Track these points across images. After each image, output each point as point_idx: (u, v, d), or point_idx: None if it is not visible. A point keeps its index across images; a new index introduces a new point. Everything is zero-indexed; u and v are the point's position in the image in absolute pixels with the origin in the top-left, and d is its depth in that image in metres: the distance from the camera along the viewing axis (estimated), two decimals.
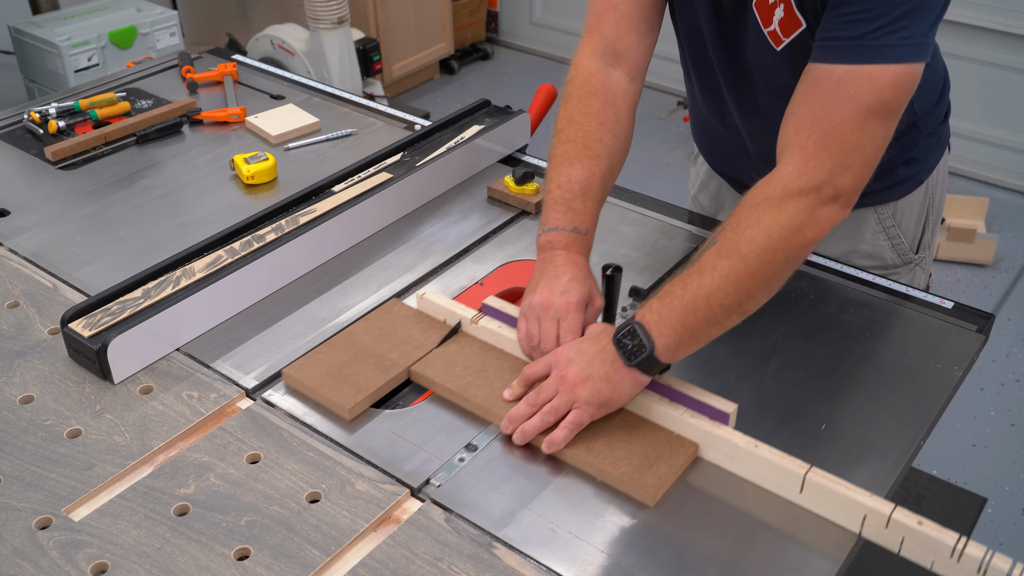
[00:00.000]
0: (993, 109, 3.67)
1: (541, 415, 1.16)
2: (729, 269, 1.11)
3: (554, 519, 1.08)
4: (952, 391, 1.27)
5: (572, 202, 1.28)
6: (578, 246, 1.27)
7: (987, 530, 2.36)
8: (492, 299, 1.33)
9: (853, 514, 1.05)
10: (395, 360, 1.27)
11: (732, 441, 1.12)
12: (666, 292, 1.14)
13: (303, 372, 1.26)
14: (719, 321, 1.13)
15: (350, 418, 1.21)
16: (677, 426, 1.16)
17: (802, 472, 1.07)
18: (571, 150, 1.30)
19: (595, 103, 1.33)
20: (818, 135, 1.12)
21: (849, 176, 1.12)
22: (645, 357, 1.13)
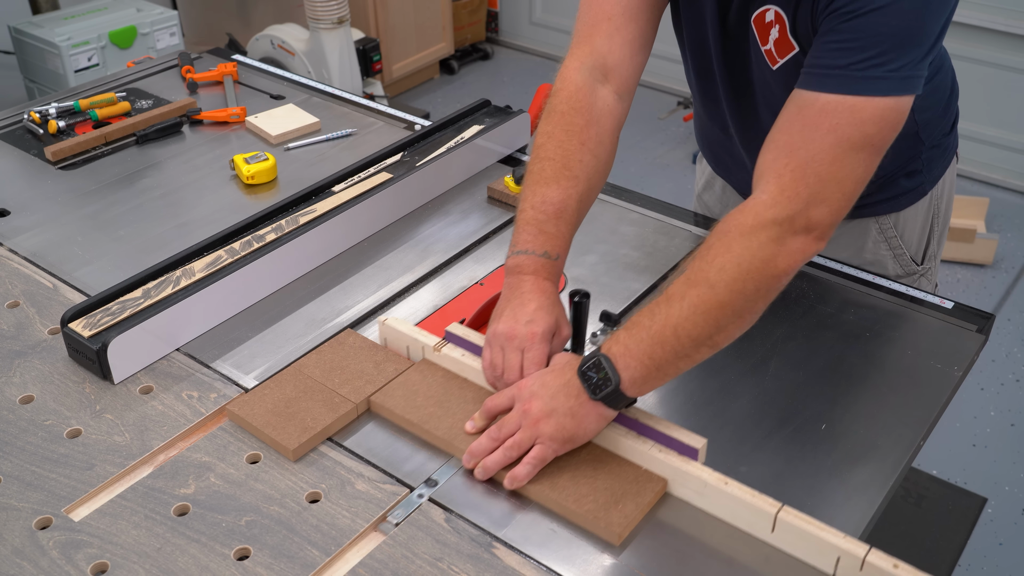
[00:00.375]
0: (993, 109, 3.67)
1: (503, 450, 1.11)
2: (698, 299, 1.07)
3: (554, 519, 1.08)
4: (952, 391, 1.27)
5: (545, 225, 1.23)
6: (547, 272, 1.23)
7: (987, 530, 2.36)
8: (455, 326, 1.28)
9: (826, 555, 1.01)
10: (346, 396, 1.22)
11: (701, 478, 1.08)
12: (633, 323, 1.10)
13: (247, 409, 1.20)
14: (688, 354, 1.08)
15: (294, 459, 1.15)
16: (645, 461, 1.12)
17: (773, 511, 1.03)
18: (548, 169, 1.25)
19: (578, 120, 1.27)
20: (795, 164, 1.08)
21: (825, 208, 1.08)
22: (611, 391, 1.08)
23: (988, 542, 2.33)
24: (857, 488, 1.13)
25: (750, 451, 1.17)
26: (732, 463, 1.15)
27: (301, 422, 1.18)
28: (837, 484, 1.13)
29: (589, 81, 1.28)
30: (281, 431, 1.17)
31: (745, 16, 1.25)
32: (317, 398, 1.22)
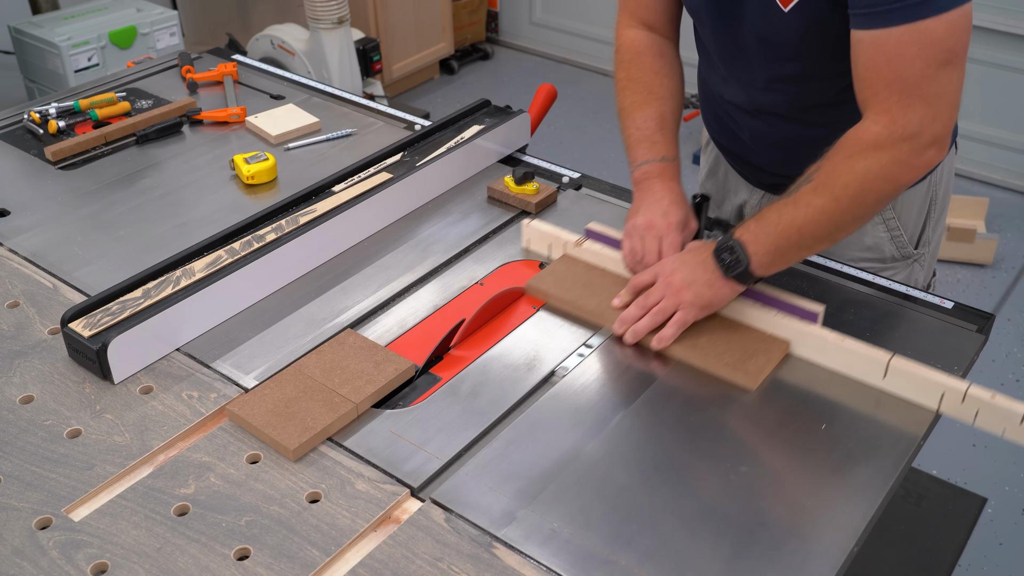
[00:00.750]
0: (993, 109, 3.67)
1: (650, 316, 1.30)
2: (822, 207, 1.22)
3: (554, 519, 1.08)
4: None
5: (653, 136, 1.44)
6: (670, 173, 1.43)
7: (987, 530, 2.36)
8: (594, 224, 1.48)
9: (932, 393, 1.21)
10: (346, 396, 1.22)
11: (821, 336, 1.27)
12: (762, 217, 1.27)
13: (247, 409, 1.20)
14: (809, 247, 1.27)
15: (294, 459, 1.16)
16: (771, 326, 1.31)
17: (886, 359, 1.23)
18: (637, 98, 1.47)
19: (646, 59, 1.50)
20: (898, 96, 1.18)
21: (939, 123, 1.19)
22: (741, 271, 1.27)
23: (988, 542, 2.33)
24: (857, 488, 1.13)
25: (750, 451, 1.18)
26: (732, 463, 1.16)
27: (301, 422, 1.18)
28: (837, 484, 1.13)
29: (640, 31, 1.53)
30: (281, 431, 1.17)
31: None
32: (317, 398, 1.22)
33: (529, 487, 1.12)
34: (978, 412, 1.18)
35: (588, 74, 4.70)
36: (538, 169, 1.76)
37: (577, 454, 1.17)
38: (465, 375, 1.30)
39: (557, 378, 1.28)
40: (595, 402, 1.25)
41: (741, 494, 1.12)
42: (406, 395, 1.27)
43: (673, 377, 1.29)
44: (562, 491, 1.12)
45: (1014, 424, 1.16)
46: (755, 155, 1.59)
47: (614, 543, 1.05)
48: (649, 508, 1.10)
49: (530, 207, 1.63)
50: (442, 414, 1.23)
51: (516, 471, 1.14)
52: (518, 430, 1.20)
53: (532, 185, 1.64)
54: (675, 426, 1.22)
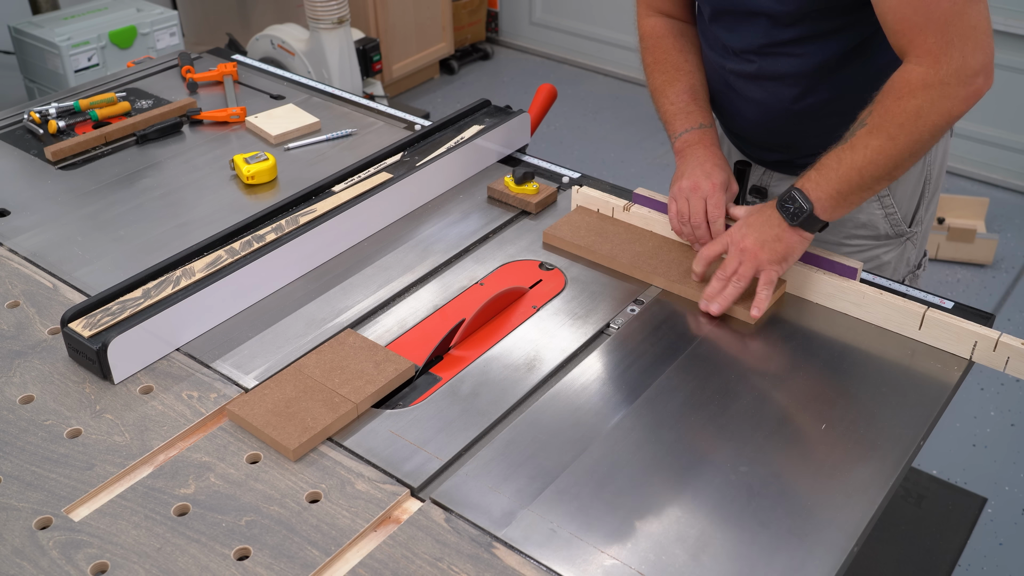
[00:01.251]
0: (993, 109, 3.67)
1: (734, 283, 1.35)
2: (880, 147, 1.26)
3: (554, 519, 1.08)
4: (952, 391, 1.27)
5: (688, 107, 1.51)
6: (710, 139, 1.48)
7: (987, 530, 2.36)
8: (642, 189, 1.56)
9: (965, 342, 1.29)
10: (346, 396, 1.22)
11: (861, 291, 1.35)
12: (822, 164, 1.31)
13: (248, 409, 1.20)
14: (870, 187, 1.30)
15: (295, 459, 1.15)
16: (811, 282, 1.39)
17: (921, 311, 1.31)
18: (667, 77, 1.55)
19: (668, 41, 1.58)
20: (934, 36, 1.22)
21: (980, 52, 1.24)
22: (806, 217, 1.31)
23: (988, 542, 2.33)
24: (857, 488, 1.13)
25: (750, 451, 1.17)
26: (732, 463, 1.16)
27: (301, 422, 1.18)
28: (837, 484, 1.13)
29: (659, 19, 1.61)
30: (281, 431, 1.17)
31: None
32: (317, 398, 1.22)
33: (529, 487, 1.12)
34: (1009, 359, 1.26)
35: (588, 74, 4.70)
36: (538, 169, 1.76)
37: (577, 454, 1.17)
38: (465, 375, 1.30)
39: (611, 331, 1.36)
40: (595, 402, 1.25)
41: (741, 494, 1.12)
42: (406, 395, 1.27)
43: (673, 377, 1.29)
44: (562, 491, 1.12)
45: None
46: (754, 130, 1.61)
47: (614, 543, 1.05)
48: (649, 508, 1.10)
49: (530, 207, 1.63)
50: (442, 414, 1.23)
51: (516, 471, 1.14)
52: (518, 430, 1.20)
53: (532, 185, 1.64)
54: (675, 426, 1.22)
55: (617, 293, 1.45)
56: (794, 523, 1.08)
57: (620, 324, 1.38)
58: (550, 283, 1.47)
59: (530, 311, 1.41)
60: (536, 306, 1.42)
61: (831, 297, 1.38)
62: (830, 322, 1.38)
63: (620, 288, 1.46)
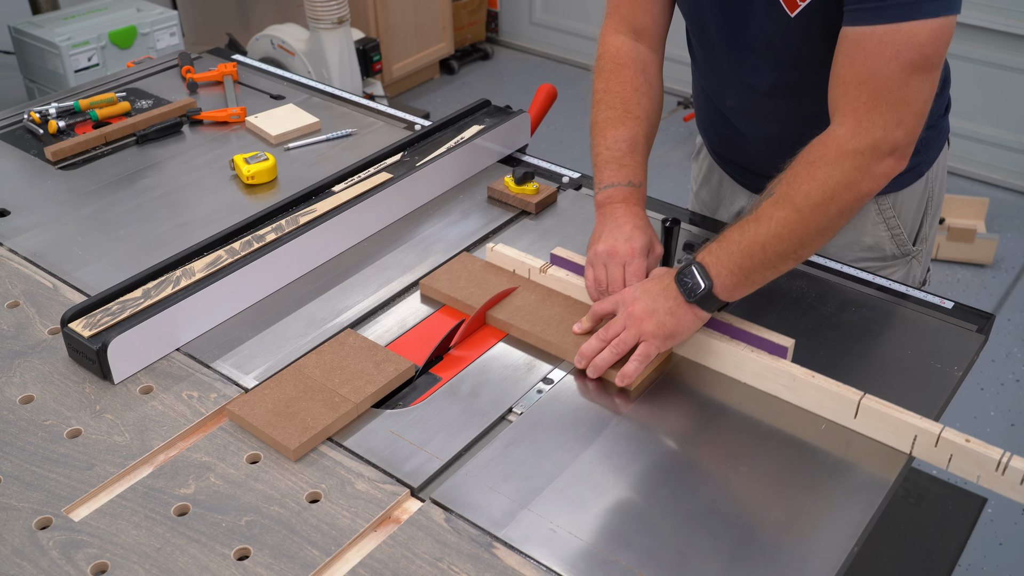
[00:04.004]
0: (993, 109, 3.67)
1: (611, 348, 1.24)
2: (785, 221, 1.19)
3: (554, 519, 1.08)
4: (952, 391, 1.27)
5: (622, 159, 1.39)
6: (635, 198, 1.38)
7: (987, 530, 2.36)
8: (560, 249, 1.44)
9: (904, 435, 1.15)
10: (346, 396, 1.22)
11: (791, 372, 1.21)
12: (724, 237, 1.23)
13: (248, 409, 1.20)
14: (774, 265, 1.22)
15: (295, 459, 1.15)
16: (737, 361, 1.25)
17: (856, 398, 1.17)
18: (612, 115, 1.42)
19: (627, 73, 1.44)
20: (867, 96, 1.17)
21: (902, 131, 1.18)
22: (704, 294, 1.22)
23: (988, 542, 2.33)
24: (857, 488, 1.13)
25: (750, 451, 1.17)
26: (732, 463, 1.16)
27: (301, 422, 1.18)
28: (837, 484, 1.13)
29: (627, 40, 1.47)
30: (281, 431, 1.17)
31: None
32: (317, 398, 1.22)
33: (529, 487, 1.12)
34: (952, 457, 1.12)
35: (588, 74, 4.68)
36: (538, 169, 1.76)
37: (577, 454, 1.16)
38: (465, 375, 1.30)
39: (513, 416, 1.22)
40: (595, 402, 1.25)
41: (741, 494, 1.12)
42: (406, 395, 1.27)
43: (675, 375, 1.28)
44: (562, 491, 1.12)
45: (989, 470, 1.10)
46: (754, 162, 1.58)
47: (614, 543, 1.05)
48: (649, 508, 1.10)
49: (530, 207, 1.63)
50: (442, 414, 1.23)
51: (516, 471, 1.14)
52: (518, 430, 1.20)
53: (532, 185, 1.64)
54: (675, 426, 1.22)
55: None
56: (794, 523, 1.08)
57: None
58: None
59: None
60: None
61: (760, 377, 1.25)
62: (762, 405, 1.24)
63: None
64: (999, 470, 1.09)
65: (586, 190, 1.71)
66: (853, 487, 1.13)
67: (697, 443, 1.20)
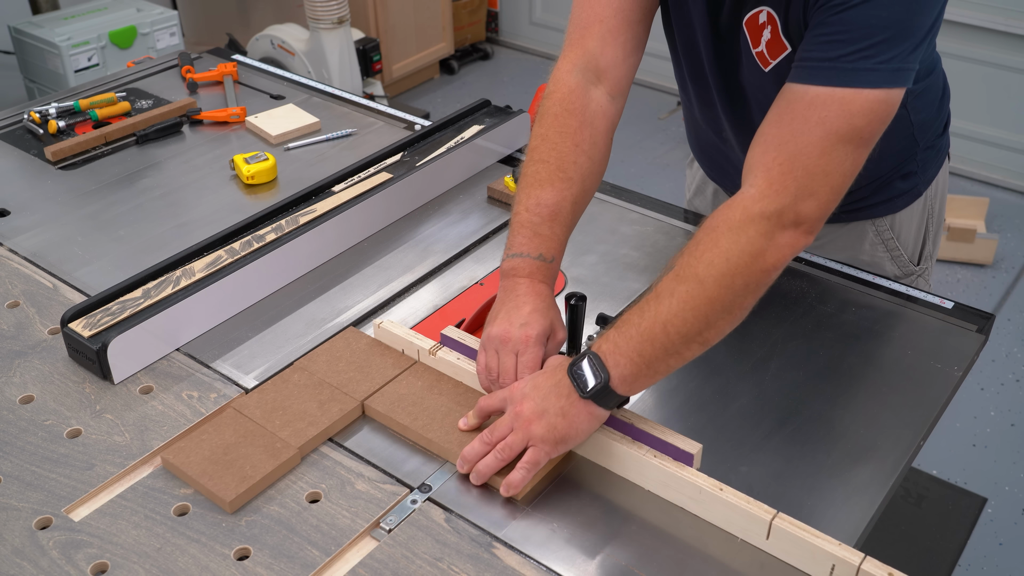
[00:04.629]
0: (993, 109, 3.67)
1: (495, 453, 1.10)
2: (687, 295, 1.06)
3: (554, 519, 1.08)
4: (952, 391, 1.27)
5: (540, 227, 1.22)
6: (542, 275, 1.22)
7: (987, 530, 2.36)
8: (451, 329, 1.28)
9: (821, 562, 1.00)
10: (286, 440, 1.15)
11: (696, 484, 1.07)
12: (623, 321, 1.09)
13: (183, 457, 1.13)
14: (678, 351, 1.07)
15: (231, 511, 1.08)
16: (640, 466, 1.11)
17: (768, 518, 1.02)
18: (543, 171, 1.24)
19: (572, 122, 1.26)
20: (784, 158, 1.06)
21: (813, 202, 1.06)
22: (599, 389, 1.07)
23: (988, 542, 2.33)
24: (857, 488, 1.13)
25: (750, 451, 1.18)
26: (732, 463, 1.16)
27: (240, 471, 1.11)
28: (837, 484, 1.13)
29: (582, 83, 1.27)
30: (219, 481, 1.10)
31: (737, 19, 1.24)
32: (257, 443, 1.15)
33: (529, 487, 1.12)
34: None
35: None
36: None
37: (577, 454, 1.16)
38: None
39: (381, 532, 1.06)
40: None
41: None
42: None
43: (673, 378, 1.28)
44: (562, 491, 1.12)
45: None
46: None
47: (614, 543, 1.05)
48: (649, 508, 1.10)
49: None
50: None
51: None
52: None
53: None
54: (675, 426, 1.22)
55: (619, 291, 1.44)
56: None
57: None
58: None
59: None
60: None
61: (664, 487, 1.10)
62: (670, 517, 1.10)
63: (623, 285, 1.46)
64: None
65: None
66: (853, 488, 1.13)
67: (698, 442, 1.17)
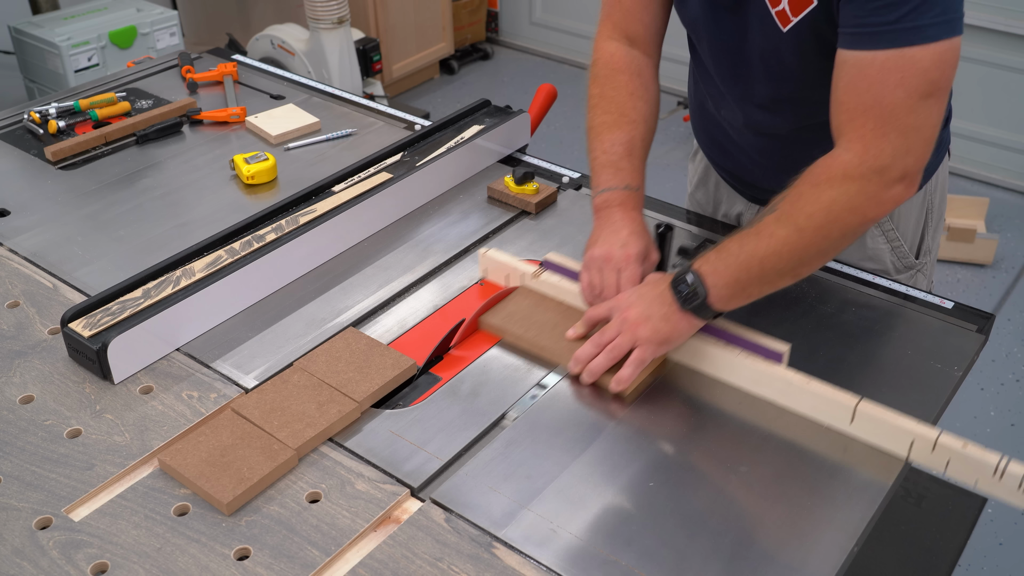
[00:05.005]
0: (993, 109, 3.67)
1: (605, 354, 1.24)
2: (785, 239, 1.18)
3: (554, 519, 1.08)
4: (952, 391, 1.27)
5: (619, 163, 1.38)
6: (633, 203, 1.36)
7: (987, 530, 2.36)
8: (553, 255, 1.42)
9: (901, 440, 1.14)
10: (284, 441, 1.15)
11: (786, 378, 1.21)
12: (723, 248, 1.22)
13: (180, 459, 1.13)
14: (771, 282, 1.21)
15: (229, 513, 1.09)
16: (732, 366, 1.24)
17: (853, 403, 1.16)
18: (608, 119, 1.41)
19: (622, 77, 1.43)
20: (874, 123, 1.15)
21: (911, 158, 1.16)
22: (699, 303, 1.21)
23: (988, 542, 2.33)
24: (857, 488, 1.13)
25: (750, 451, 1.18)
26: (732, 463, 1.16)
27: (237, 473, 1.11)
28: (837, 484, 1.13)
29: (621, 46, 1.46)
30: (216, 483, 1.10)
31: None
32: (255, 445, 1.15)
33: (529, 487, 1.12)
34: (949, 462, 1.11)
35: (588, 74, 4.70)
36: (538, 169, 1.76)
37: (577, 454, 1.17)
38: (465, 375, 1.30)
39: (508, 421, 1.21)
40: (595, 402, 1.25)
41: (741, 494, 1.12)
42: (406, 395, 1.27)
43: (674, 377, 1.29)
44: (562, 491, 1.12)
45: (986, 475, 1.09)
46: (750, 173, 1.58)
47: (614, 543, 1.05)
48: (649, 508, 1.10)
49: (530, 207, 1.63)
50: (442, 414, 1.23)
51: (516, 471, 1.14)
52: (518, 430, 1.20)
53: (532, 185, 1.64)
54: (675, 426, 1.22)
55: None
56: (794, 523, 1.08)
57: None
58: None
59: None
60: None
61: (755, 383, 1.24)
62: (757, 409, 1.23)
63: None
64: (996, 475, 1.08)
65: (586, 190, 1.71)
66: (853, 488, 1.13)
67: (694, 446, 1.20)
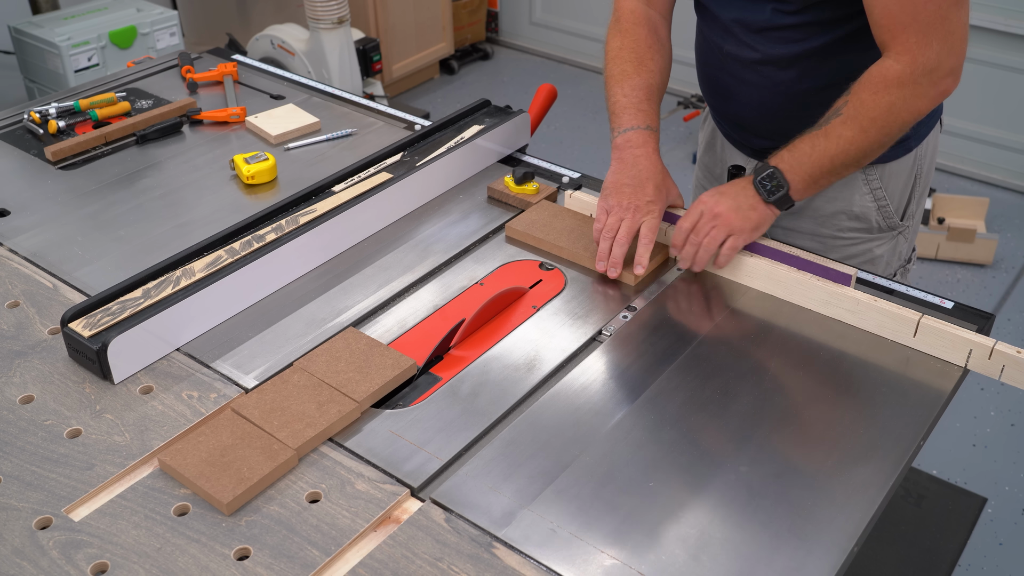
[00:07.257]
0: (992, 109, 3.67)
1: (705, 247, 1.40)
2: (852, 138, 1.35)
3: (554, 519, 1.08)
4: (952, 391, 1.27)
5: (640, 104, 1.50)
6: (654, 143, 1.48)
7: (987, 530, 2.36)
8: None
9: (960, 349, 1.28)
10: (284, 441, 1.15)
11: (856, 298, 1.35)
12: (795, 147, 1.38)
13: (180, 459, 1.13)
14: (839, 173, 1.39)
15: (229, 513, 1.09)
16: (805, 289, 1.38)
17: (916, 318, 1.30)
18: (628, 67, 1.54)
19: (641, 31, 1.57)
20: (916, 36, 1.31)
21: (955, 55, 1.33)
22: (783, 195, 1.39)
23: (988, 542, 2.33)
24: (857, 488, 1.13)
25: (750, 451, 1.18)
26: (732, 463, 1.16)
27: (237, 473, 1.11)
28: (837, 484, 1.13)
29: (639, 5, 1.61)
30: (216, 483, 1.10)
31: None
32: (255, 445, 1.15)
33: (529, 487, 1.12)
34: (1004, 367, 1.25)
35: (588, 74, 4.70)
36: (538, 169, 1.76)
37: (577, 454, 1.17)
38: (465, 375, 1.30)
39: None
40: (595, 402, 1.25)
41: (741, 494, 1.12)
42: (406, 395, 1.27)
43: (673, 377, 1.29)
44: (562, 491, 1.12)
45: None
46: (747, 117, 1.63)
47: (614, 543, 1.06)
48: (649, 508, 1.10)
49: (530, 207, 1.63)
50: (442, 414, 1.23)
51: (516, 471, 1.14)
52: (518, 430, 1.20)
53: (532, 185, 1.64)
54: (675, 426, 1.22)
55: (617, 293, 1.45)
56: (794, 523, 1.08)
57: (612, 331, 1.38)
58: (550, 283, 1.47)
59: (530, 311, 1.41)
60: (536, 306, 1.42)
61: (825, 304, 1.38)
62: (825, 329, 1.37)
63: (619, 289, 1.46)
64: None
65: (586, 190, 1.71)
66: (853, 488, 1.13)
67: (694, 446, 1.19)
